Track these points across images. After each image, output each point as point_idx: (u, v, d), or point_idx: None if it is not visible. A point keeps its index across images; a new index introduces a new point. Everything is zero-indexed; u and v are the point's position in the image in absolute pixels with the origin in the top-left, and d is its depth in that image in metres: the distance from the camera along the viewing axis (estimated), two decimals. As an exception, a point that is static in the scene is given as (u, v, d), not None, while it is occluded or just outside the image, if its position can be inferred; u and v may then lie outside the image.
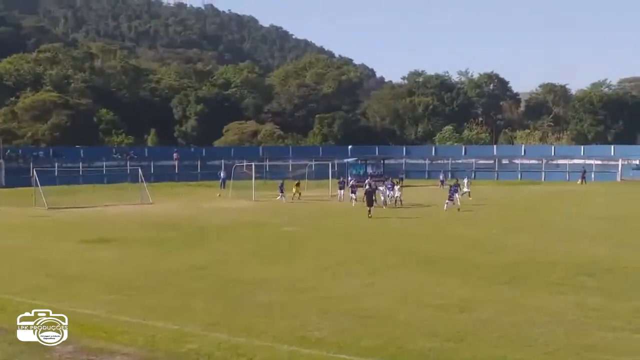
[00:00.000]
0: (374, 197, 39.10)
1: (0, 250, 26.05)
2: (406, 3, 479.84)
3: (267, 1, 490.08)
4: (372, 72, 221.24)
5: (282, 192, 49.40)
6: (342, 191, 49.68)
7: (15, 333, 12.97)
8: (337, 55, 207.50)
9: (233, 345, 13.07)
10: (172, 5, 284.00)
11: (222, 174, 62.42)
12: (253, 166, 52.15)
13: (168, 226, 33.77)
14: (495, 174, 77.37)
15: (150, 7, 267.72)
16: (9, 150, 72.92)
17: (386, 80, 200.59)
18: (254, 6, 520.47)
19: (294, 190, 50.62)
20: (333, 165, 57.11)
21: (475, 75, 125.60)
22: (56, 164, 68.97)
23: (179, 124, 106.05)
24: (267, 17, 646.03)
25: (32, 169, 50.96)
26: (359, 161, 70.71)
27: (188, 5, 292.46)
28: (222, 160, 73.50)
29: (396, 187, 45.97)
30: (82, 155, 75.48)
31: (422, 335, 13.80)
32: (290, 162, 74.35)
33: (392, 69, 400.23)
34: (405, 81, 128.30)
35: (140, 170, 51.21)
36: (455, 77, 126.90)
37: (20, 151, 74.88)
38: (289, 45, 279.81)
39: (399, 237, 29.25)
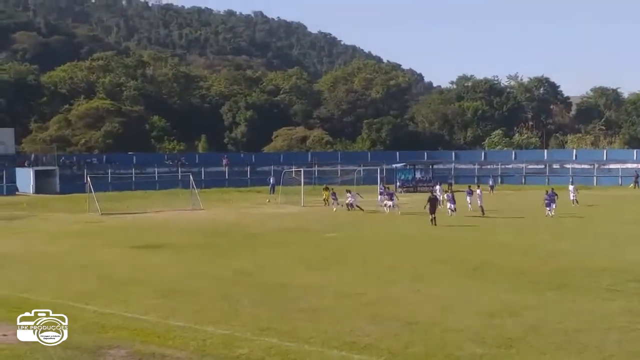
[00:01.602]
0: (437, 205, 38.14)
1: (53, 255, 26.62)
2: (454, 7, 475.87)
3: (315, 8, 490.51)
4: (420, 77, 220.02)
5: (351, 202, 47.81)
6: (387, 201, 44.38)
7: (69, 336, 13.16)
8: (385, 60, 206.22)
9: (283, 350, 13.17)
10: (222, 13, 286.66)
11: (271, 180, 62.87)
12: (302, 172, 52.40)
13: (216, 232, 34.15)
14: (546, 179, 75.94)
15: (201, 15, 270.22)
16: (63, 157, 74.58)
17: (434, 85, 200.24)
18: (302, 13, 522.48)
19: (324, 195, 50.30)
20: (381, 171, 56.96)
21: (525, 80, 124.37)
22: (109, 171, 70.39)
23: (229, 130, 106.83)
24: (315, 24, 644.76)
25: (86, 175, 52.00)
26: (407, 166, 70.46)
27: (238, 13, 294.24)
28: (272, 166, 74.09)
29: (477, 192, 42.95)
30: (134, 161, 76.64)
31: (471, 341, 13.71)
32: (339, 168, 74.47)
33: (440, 74, 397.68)
34: (454, 86, 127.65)
35: (191, 176, 51.87)
36: (504, 82, 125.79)
37: (74, 158, 76.48)
38: (337, 51, 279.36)
39: (444, 244, 28.93)
